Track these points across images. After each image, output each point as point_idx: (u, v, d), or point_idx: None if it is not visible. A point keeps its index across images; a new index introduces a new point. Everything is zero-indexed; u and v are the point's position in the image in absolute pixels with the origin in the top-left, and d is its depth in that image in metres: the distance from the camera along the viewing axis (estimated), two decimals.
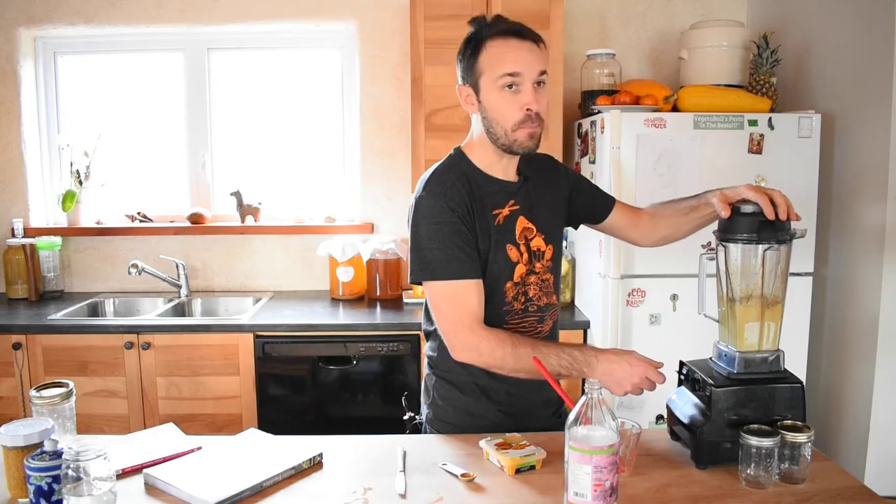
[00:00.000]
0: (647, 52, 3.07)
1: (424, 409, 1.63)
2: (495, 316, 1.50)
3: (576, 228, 1.78)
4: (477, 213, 1.47)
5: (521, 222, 1.52)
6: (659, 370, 1.36)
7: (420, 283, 1.48)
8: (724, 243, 1.42)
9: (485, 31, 1.44)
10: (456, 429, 1.55)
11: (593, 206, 1.70)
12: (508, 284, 1.50)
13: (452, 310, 1.43)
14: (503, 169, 1.53)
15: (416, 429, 1.66)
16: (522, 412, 1.57)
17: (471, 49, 1.45)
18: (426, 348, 1.63)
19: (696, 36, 2.69)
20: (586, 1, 3.03)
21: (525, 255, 1.51)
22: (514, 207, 1.51)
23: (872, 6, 2.29)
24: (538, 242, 1.54)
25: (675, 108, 2.51)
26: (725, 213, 1.39)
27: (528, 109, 1.42)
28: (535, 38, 1.45)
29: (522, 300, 1.52)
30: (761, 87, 2.58)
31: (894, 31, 2.18)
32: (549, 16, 2.66)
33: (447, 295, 1.44)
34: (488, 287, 1.48)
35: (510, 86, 1.41)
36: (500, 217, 1.50)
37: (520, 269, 1.51)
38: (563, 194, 1.64)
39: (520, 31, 1.43)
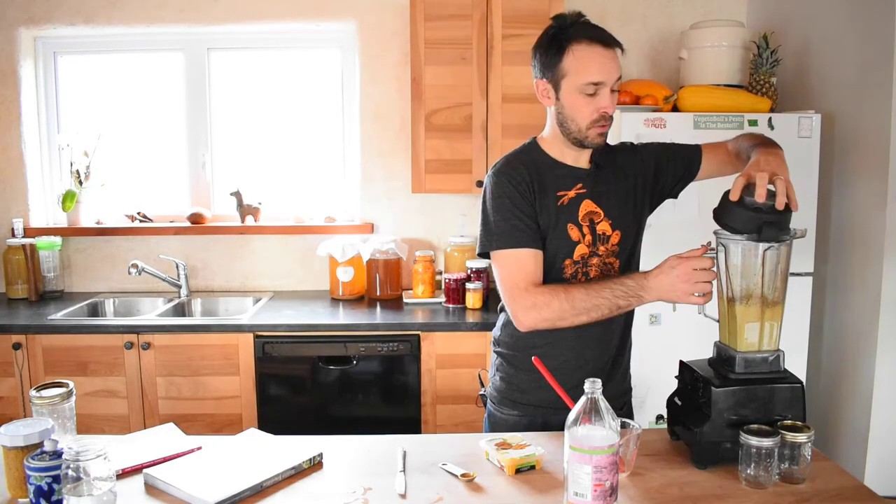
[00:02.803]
0: (647, 52, 3.07)
1: (490, 384, 1.71)
2: None
3: (675, 197, 1.77)
4: (539, 192, 1.54)
5: (587, 205, 1.57)
6: (701, 257, 1.39)
7: (487, 256, 1.56)
8: (723, 243, 1.42)
9: (570, 31, 1.49)
10: (508, 402, 1.64)
11: (682, 165, 1.70)
12: (567, 262, 1.55)
13: (510, 275, 1.51)
14: (574, 158, 1.60)
15: (485, 400, 1.74)
16: (577, 396, 1.57)
17: (555, 48, 1.50)
18: (495, 327, 1.73)
19: (696, 36, 2.69)
20: (586, 1, 3.02)
21: (588, 237, 1.56)
22: (581, 191, 1.57)
23: (872, 6, 2.29)
24: (604, 227, 1.57)
25: (675, 108, 2.51)
26: (734, 195, 1.38)
27: (603, 112, 1.49)
28: (618, 46, 1.51)
29: (583, 280, 1.55)
30: (761, 87, 2.58)
31: (894, 31, 2.18)
32: (549, 15, 2.60)
33: (507, 262, 1.52)
34: (547, 261, 1.54)
35: (591, 93, 1.48)
36: (566, 198, 1.56)
37: (581, 249, 1.55)
38: (640, 181, 1.65)
39: (606, 40, 1.49)
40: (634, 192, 1.64)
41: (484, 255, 1.58)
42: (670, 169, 1.68)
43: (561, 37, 1.50)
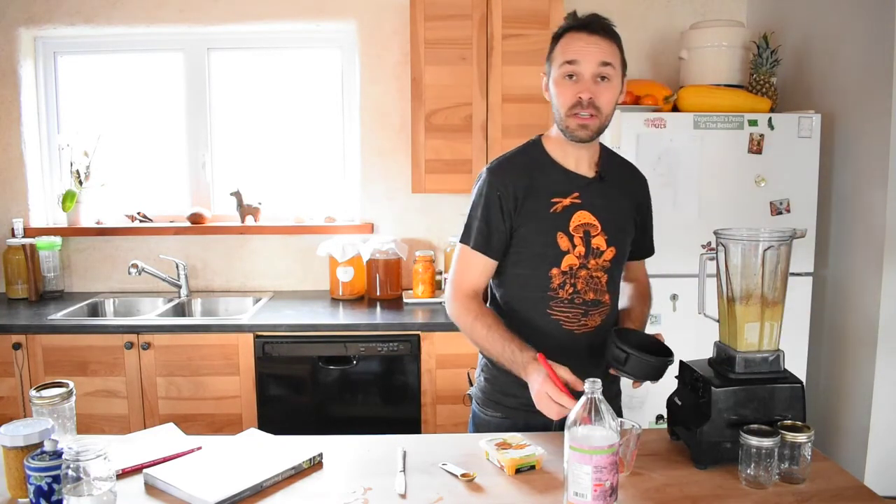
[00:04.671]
0: (647, 52, 3.07)
1: (476, 384, 1.71)
2: (539, 300, 1.53)
3: None
4: (529, 197, 1.53)
5: (582, 216, 1.54)
6: (562, 399, 1.32)
7: None
8: (723, 243, 1.42)
9: (565, 26, 1.52)
10: (492, 403, 1.62)
11: (635, 244, 1.69)
12: (554, 271, 1.53)
13: (457, 272, 1.59)
14: (574, 161, 1.57)
15: (471, 399, 1.74)
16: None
17: (553, 41, 1.53)
18: None
19: (696, 36, 2.69)
20: (586, 1, 3.02)
21: (580, 249, 1.53)
22: (577, 200, 1.54)
23: (872, 6, 2.29)
24: (599, 241, 1.55)
25: (675, 108, 2.51)
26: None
27: (579, 97, 1.45)
28: (606, 32, 1.48)
29: (570, 290, 1.54)
30: (761, 87, 2.58)
31: (894, 31, 2.18)
32: (549, 16, 2.66)
33: (461, 258, 1.59)
34: (530, 268, 1.54)
35: (570, 75, 1.47)
36: (559, 206, 1.53)
37: (570, 260, 1.53)
38: (633, 211, 1.65)
39: (588, 24, 1.48)
40: (628, 216, 1.62)
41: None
42: (636, 234, 1.67)
43: (559, 32, 1.52)
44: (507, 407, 1.60)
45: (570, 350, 1.54)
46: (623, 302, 1.69)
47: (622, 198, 1.61)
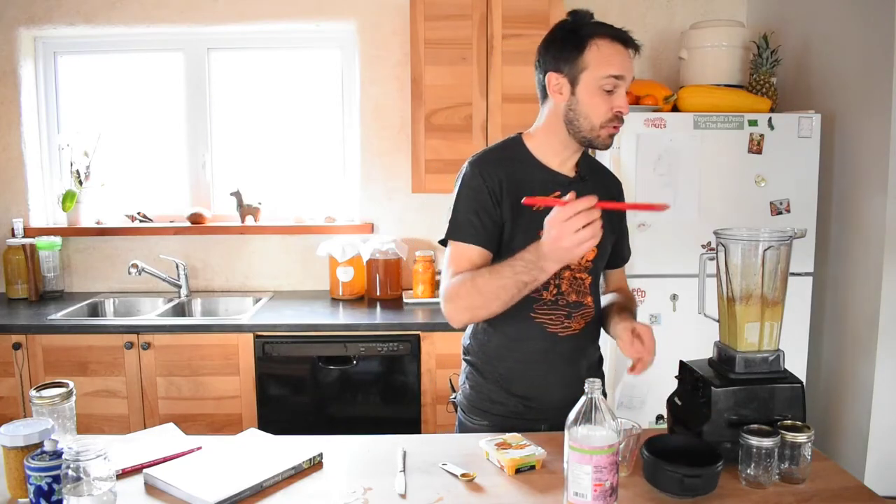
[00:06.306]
0: (647, 52, 3.07)
1: (460, 391, 1.69)
2: (523, 301, 1.47)
3: None
4: (510, 192, 1.49)
5: None
6: (566, 207, 1.28)
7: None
8: (723, 243, 1.42)
9: (591, 28, 1.47)
10: (478, 412, 1.61)
11: (614, 249, 1.67)
12: None
13: (453, 268, 1.49)
14: (560, 162, 1.55)
15: (456, 406, 1.72)
16: (547, 408, 1.57)
17: (575, 41, 1.47)
18: (464, 335, 1.68)
19: (696, 36, 2.69)
20: (586, 1, 3.02)
21: None
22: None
23: (872, 6, 2.29)
24: None
25: (675, 108, 2.51)
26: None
27: (618, 112, 1.46)
28: (636, 49, 1.49)
29: (554, 291, 1.53)
30: (761, 87, 2.58)
31: (894, 31, 2.18)
32: (549, 16, 2.66)
33: (455, 256, 1.50)
34: None
35: (610, 89, 1.45)
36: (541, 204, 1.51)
37: None
38: (612, 213, 1.60)
39: (627, 40, 1.47)
40: (607, 216, 1.55)
41: (445, 243, 1.54)
42: (616, 237, 1.65)
43: (581, 31, 1.47)
44: (493, 415, 1.59)
45: (554, 353, 1.54)
46: (607, 301, 1.66)
47: (602, 199, 1.58)
